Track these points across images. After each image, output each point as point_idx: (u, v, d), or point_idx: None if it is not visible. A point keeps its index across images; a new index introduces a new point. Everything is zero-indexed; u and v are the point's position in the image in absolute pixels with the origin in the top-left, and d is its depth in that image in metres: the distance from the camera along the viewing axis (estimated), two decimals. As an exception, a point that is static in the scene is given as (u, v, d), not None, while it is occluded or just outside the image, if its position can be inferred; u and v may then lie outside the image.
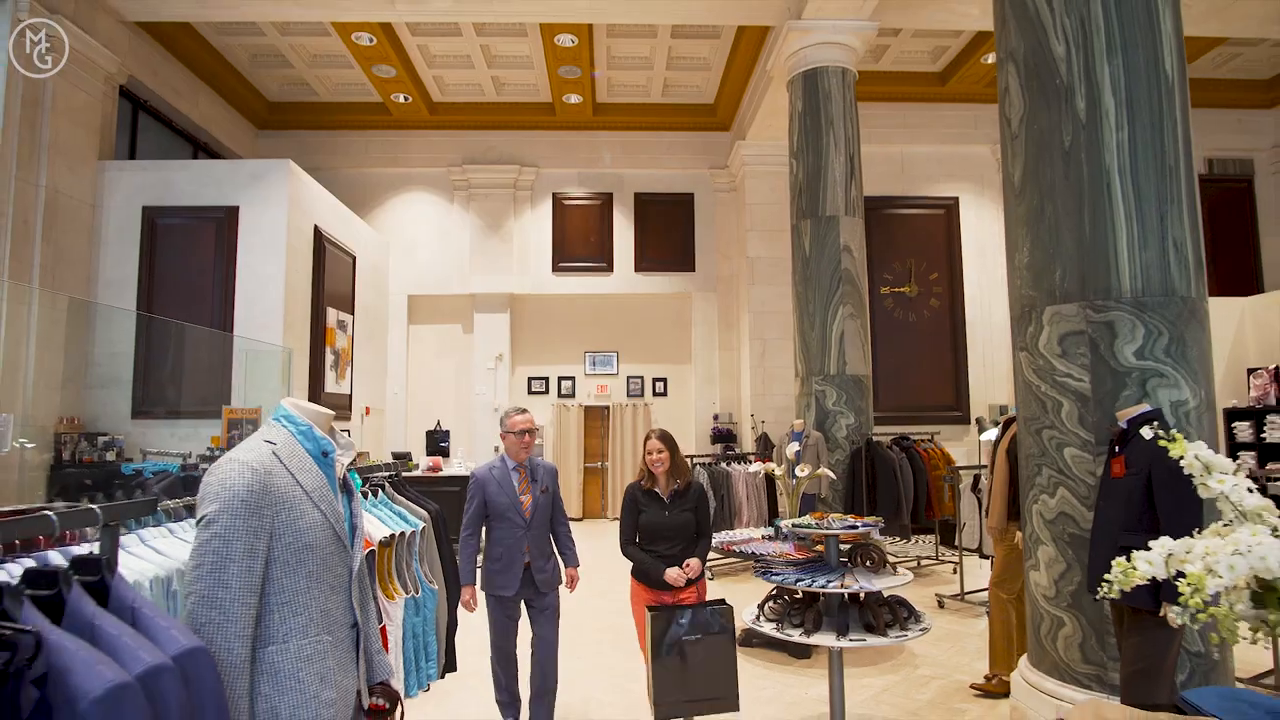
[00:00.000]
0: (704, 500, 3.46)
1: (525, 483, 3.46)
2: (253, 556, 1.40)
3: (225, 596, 1.36)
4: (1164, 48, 3.30)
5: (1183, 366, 3.15)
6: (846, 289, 7.59)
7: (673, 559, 3.25)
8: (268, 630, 1.44)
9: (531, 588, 3.40)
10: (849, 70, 7.94)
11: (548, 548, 3.50)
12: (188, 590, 1.37)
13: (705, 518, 3.43)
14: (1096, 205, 3.27)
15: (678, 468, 3.36)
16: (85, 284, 7.96)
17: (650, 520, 3.31)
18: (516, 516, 3.38)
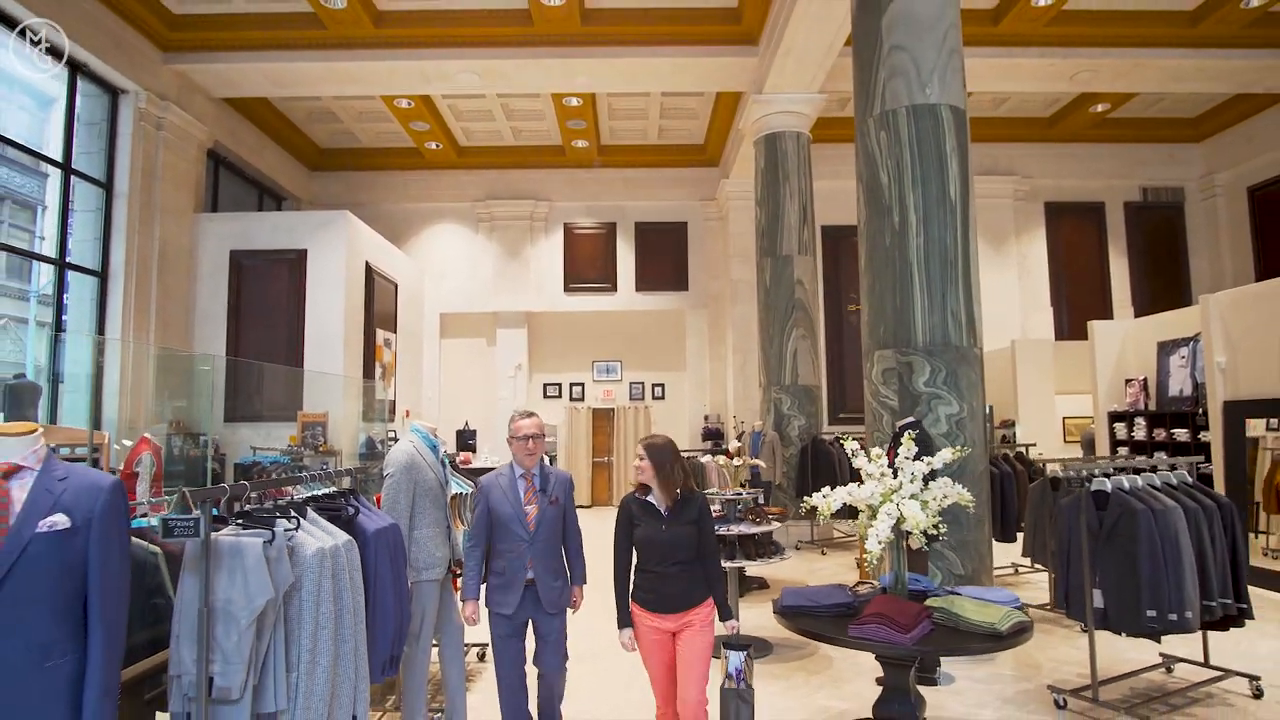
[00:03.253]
0: (708, 513, 3.03)
1: (531, 492, 3.15)
2: (408, 492, 3.20)
3: (398, 509, 3.16)
4: (950, 183, 5.01)
5: (954, 391, 4.86)
6: (799, 314, 9.31)
7: (671, 579, 2.89)
8: (414, 524, 3.24)
9: (535, 607, 3.11)
10: (803, 133, 9.64)
11: (556, 564, 3.16)
12: (385, 506, 3.18)
13: (710, 535, 3.01)
14: (903, 285, 5.00)
15: (669, 477, 2.95)
16: (186, 314, 9.90)
17: (645, 535, 2.94)
18: (520, 528, 3.09)
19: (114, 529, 1.77)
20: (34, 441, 1.75)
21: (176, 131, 9.61)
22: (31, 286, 16.32)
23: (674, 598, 2.92)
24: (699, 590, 2.96)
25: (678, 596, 2.92)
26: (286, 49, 9.44)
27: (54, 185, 15.44)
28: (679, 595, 2.92)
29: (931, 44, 5.07)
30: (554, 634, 3.19)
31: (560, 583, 3.20)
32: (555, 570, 3.18)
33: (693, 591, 2.95)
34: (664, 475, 2.95)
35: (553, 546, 3.19)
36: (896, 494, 3.24)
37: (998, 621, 2.88)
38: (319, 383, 9.88)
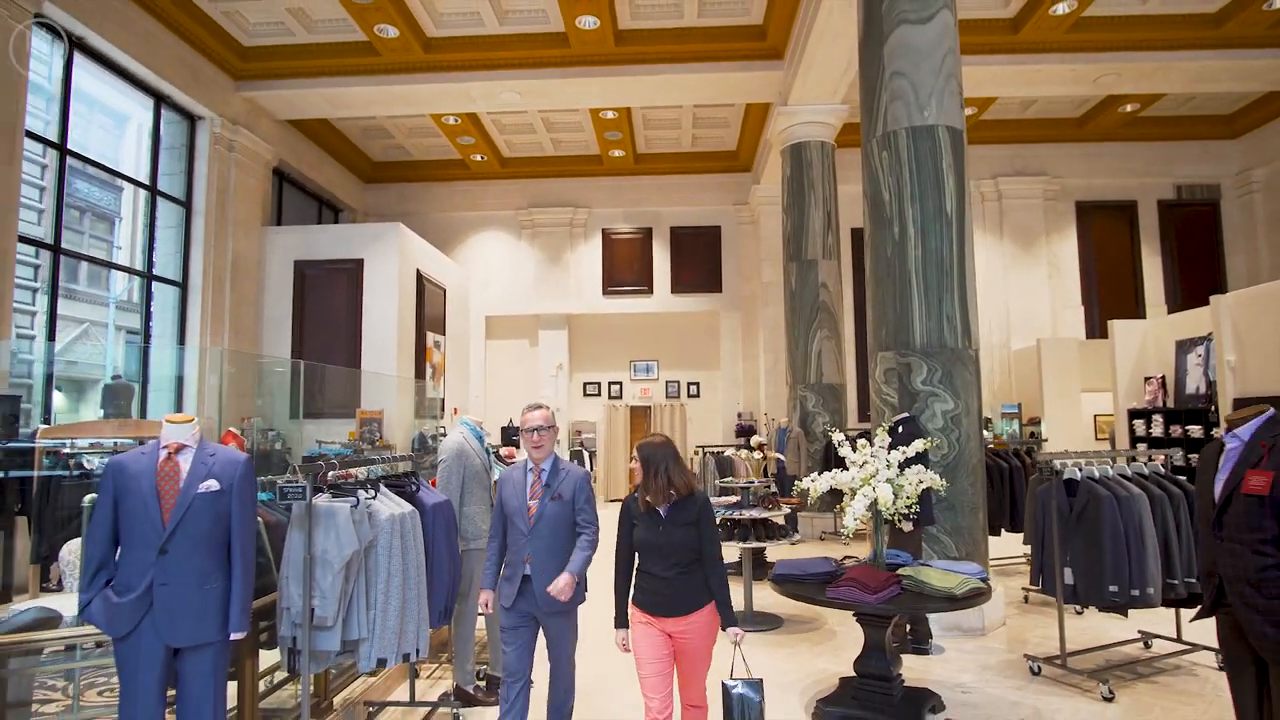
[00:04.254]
0: (709, 514, 2.93)
1: (537, 486, 3.13)
2: (459, 474, 3.82)
3: (450, 488, 3.79)
4: (946, 198, 5.44)
5: (949, 389, 5.30)
6: (823, 316, 9.74)
7: (669, 581, 2.85)
8: (463, 502, 3.86)
9: (533, 602, 3.05)
10: (827, 142, 10.05)
11: (557, 563, 3.05)
12: (439, 487, 3.81)
13: (712, 537, 2.90)
14: (903, 291, 5.45)
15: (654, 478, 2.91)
16: (256, 321, 10.81)
17: (643, 537, 2.92)
18: (521, 522, 3.07)
19: (248, 491, 2.42)
20: (192, 428, 2.41)
21: (246, 152, 10.52)
22: (110, 293, 17.67)
23: (672, 601, 2.85)
24: (699, 594, 2.87)
25: (675, 600, 2.85)
26: (344, 75, 10.25)
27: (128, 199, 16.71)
28: (676, 598, 2.85)
29: (929, 70, 5.51)
30: (559, 630, 3.09)
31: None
32: (557, 568, 3.04)
33: (692, 595, 2.86)
34: (650, 476, 2.90)
35: (553, 544, 3.07)
36: (874, 479, 3.73)
37: (954, 587, 3.36)
38: (375, 383, 10.68)
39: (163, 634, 2.26)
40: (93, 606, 2.25)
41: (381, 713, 3.79)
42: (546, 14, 9.29)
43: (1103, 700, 3.93)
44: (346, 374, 10.58)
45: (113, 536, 2.29)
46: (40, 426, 6.58)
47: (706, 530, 2.92)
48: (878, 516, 3.88)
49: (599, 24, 9.24)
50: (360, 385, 10.64)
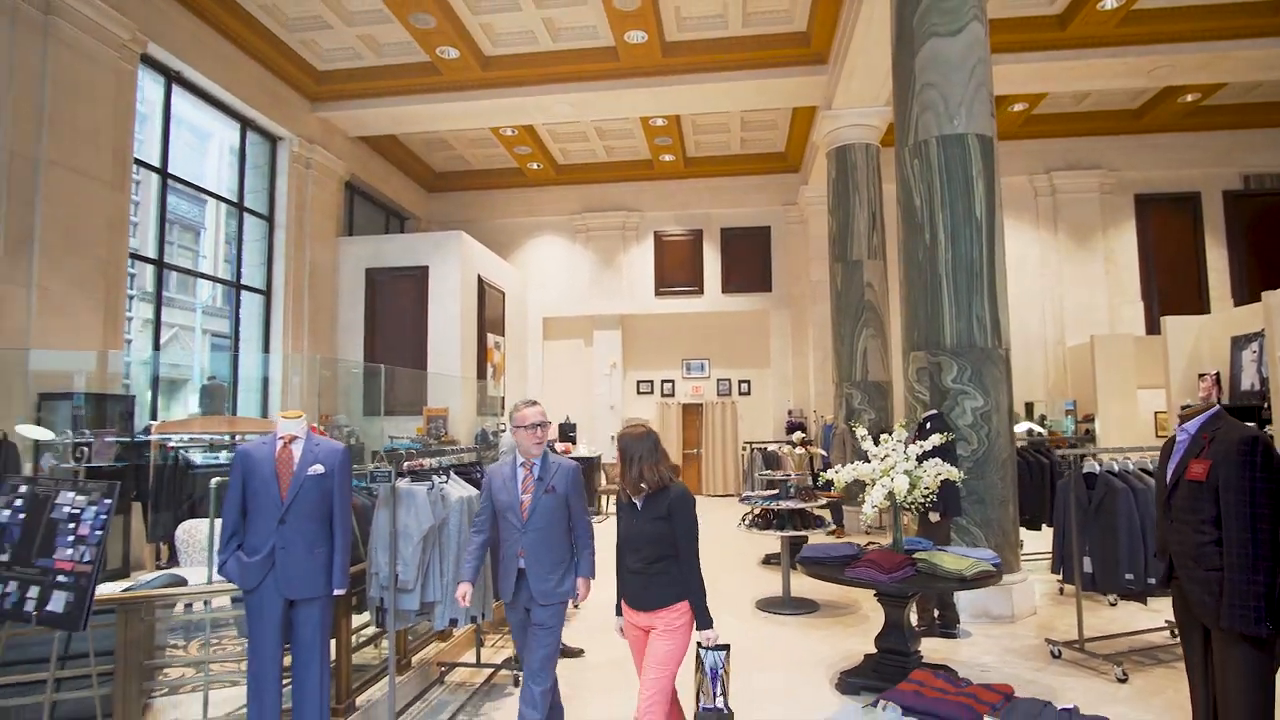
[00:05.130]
0: (682, 508, 2.82)
1: (529, 480, 3.11)
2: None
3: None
4: (976, 203, 5.66)
5: (979, 387, 5.53)
6: (868, 315, 9.94)
7: (638, 575, 2.81)
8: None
9: (528, 596, 3.04)
10: (872, 144, 10.24)
11: (553, 556, 3.05)
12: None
13: (686, 532, 2.81)
14: (934, 294, 5.70)
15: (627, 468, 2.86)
16: (331, 325, 11.63)
17: (622, 528, 2.92)
18: (514, 517, 3.06)
19: (346, 475, 2.95)
20: (302, 422, 2.95)
21: (322, 169, 11.34)
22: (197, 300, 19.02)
23: (641, 595, 2.82)
24: (668, 591, 2.79)
25: (644, 594, 2.81)
26: (409, 93, 10.95)
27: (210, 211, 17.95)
28: (645, 593, 2.80)
29: (959, 81, 5.74)
30: (541, 623, 3.04)
31: (557, 575, 3.05)
32: (552, 562, 3.04)
33: (660, 591, 2.78)
34: (625, 466, 2.86)
35: (548, 537, 3.06)
36: (892, 470, 4.06)
37: (965, 569, 3.67)
38: (440, 382, 11.38)
39: (282, 588, 2.81)
40: (228, 565, 2.81)
41: (452, 672, 4.31)
42: (596, 29, 9.75)
43: (1116, 681, 4.15)
44: (413, 375, 11.29)
45: (241, 509, 2.85)
46: (152, 423, 7.41)
47: (679, 524, 2.80)
48: (896, 505, 4.19)
49: (647, 37, 9.67)
50: (426, 385, 11.35)
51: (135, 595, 3.15)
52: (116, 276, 7.69)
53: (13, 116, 6.51)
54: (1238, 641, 2.32)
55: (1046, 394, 12.71)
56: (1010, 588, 5.39)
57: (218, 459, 7.35)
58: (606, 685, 4.29)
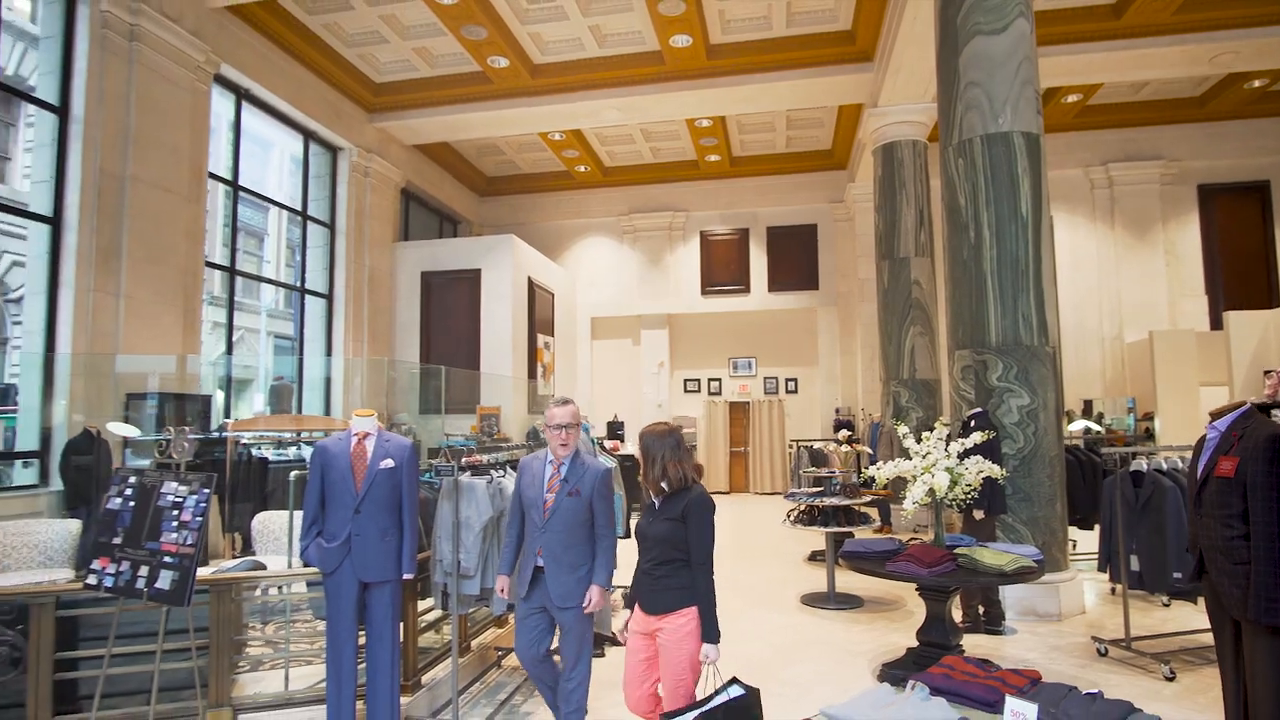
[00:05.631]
0: (699, 512, 2.69)
1: (555, 480, 3.08)
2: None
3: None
4: (1022, 201, 5.66)
5: (1025, 386, 5.53)
6: (916, 313, 9.90)
7: (648, 575, 2.74)
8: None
9: (545, 595, 3.02)
10: (919, 141, 10.18)
11: (572, 558, 3.00)
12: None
13: (700, 536, 2.68)
14: (978, 292, 5.72)
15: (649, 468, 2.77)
16: (389, 327, 12.10)
17: (639, 526, 2.83)
18: (536, 515, 3.05)
19: (414, 468, 3.20)
20: (374, 420, 3.21)
21: (379, 177, 11.80)
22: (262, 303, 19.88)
23: (648, 597, 2.73)
24: (676, 595, 2.68)
25: (651, 596, 2.71)
26: (462, 102, 11.32)
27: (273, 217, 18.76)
28: (652, 595, 2.71)
29: (1004, 79, 5.74)
30: (569, 626, 3.04)
31: (575, 577, 3.01)
32: (570, 563, 3.00)
33: (667, 595, 2.68)
34: (648, 465, 2.77)
35: (568, 539, 3.02)
36: (933, 467, 4.13)
37: (1005, 564, 3.74)
38: (492, 382, 11.73)
39: (357, 571, 3.08)
40: (309, 551, 3.09)
41: (508, 656, 4.56)
42: (642, 35, 9.94)
43: (1164, 679, 4.15)
44: (467, 375, 11.67)
45: (320, 500, 3.12)
46: (226, 421, 7.89)
47: (694, 528, 2.67)
48: (937, 502, 4.26)
49: (692, 41, 9.81)
50: (480, 385, 11.71)
51: (226, 577, 3.47)
52: (193, 284, 8.20)
53: (103, 137, 7.03)
54: (1265, 633, 2.38)
55: (1104, 391, 12.41)
56: (1057, 585, 5.39)
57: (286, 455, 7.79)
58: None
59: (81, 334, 6.86)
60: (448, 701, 3.68)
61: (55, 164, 6.92)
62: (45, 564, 5.09)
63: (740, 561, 7.97)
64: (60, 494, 6.55)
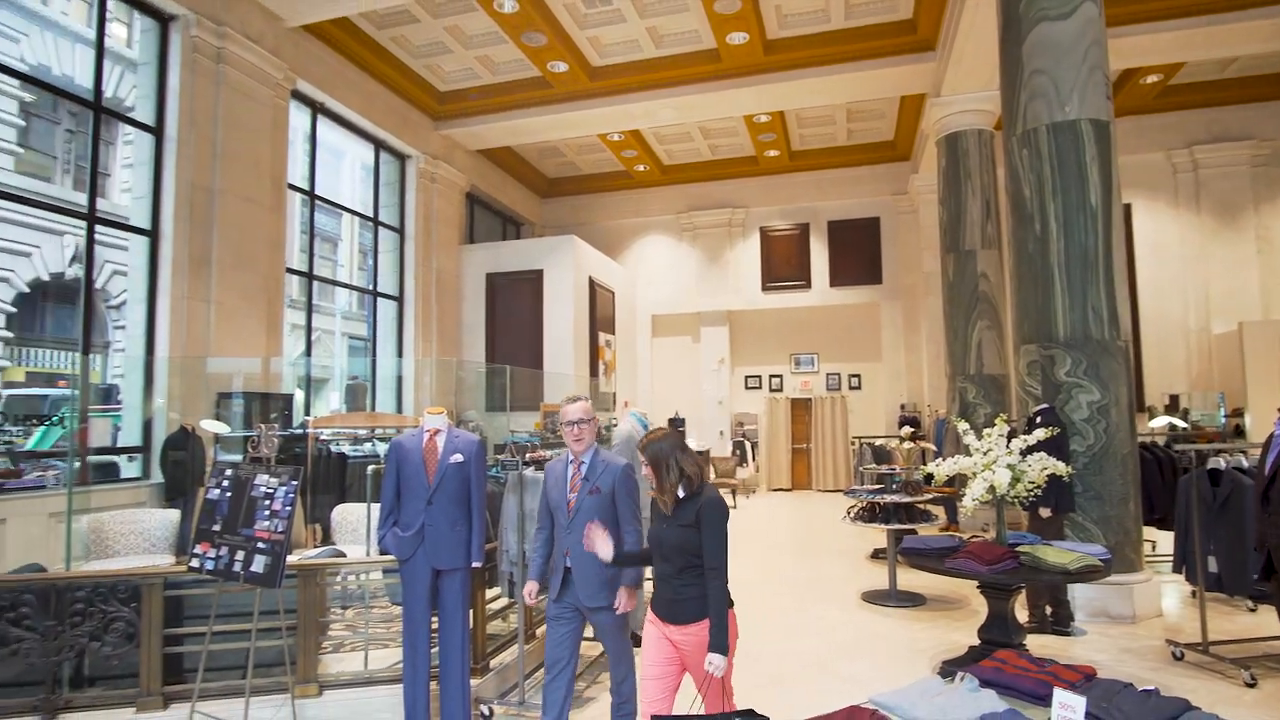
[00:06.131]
0: (712, 516, 2.61)
1: (577, 479, 3.08)
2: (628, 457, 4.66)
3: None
4: (1090, 191, 5.49)
5: (1095, 381, 5.37)
6: (983, 306, 9.65)
7: (664, 583, 2.68)
8: (631, 480, 4.72)
9: (576, 596, 3.02)
10: (985, 130, 9.91)
11: (598, 558, 2.90)
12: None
13: (713, 542, 2.60)
14: (1045, 285, 5.58)
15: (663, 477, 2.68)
16: (455, 327, 12.51)
17: (652, 534, 2.77)
18: (561, 516, 3.06)
19: (482, 462, 3.39)
20: (444, 417, 3.41)
21: (445, 183, 12.21)
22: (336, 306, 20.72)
23: (670, 605, 2.66)
24: (693, 606, 2.61)
25: (673, 605, 2.65)
26: (522, 107, 11.60)
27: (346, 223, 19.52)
28: (674, 604, 2.65)
29: (1070, 65, 5.58)
30: (604, 625, 3.06)
31: (603, 576, 2.99)
32: (598, 565, 2.94)
33: (690, 604, 2.61)
34: (658, 475, 2.68)
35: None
36: (994, 464, 4.09)
37: (1069, 563, 3.68)
38: (555, 380, 12.00)
39: (430, 559, 3.28)
40: (386, 539, 3.31)
41: (572, 646, 4.72)
42: (699, 34, 9.99)
43: (1244, 685, 4.00)
44: (531, 374, 11.97)
45: (396, 492, 3.34)
46: (307, 418, 8.34)
47: (708, 533, 2.59)
48: (998, 499, 4.21)
49: (748, 38, 9.81)
50: (543, 383, 11.99)
51: (313, 563, 3.73)
52: (275, 289, 8.69)
53: (194, 154, 7.54)
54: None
55: (1190, 386, 11.83)
56: (1131, 587, 5.23)
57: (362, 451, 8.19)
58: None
59: (177, 338, 7.38)
60: (514, 685, 3.86)
61: (153, 180, 7.45)
62: (149, 550, 5.54)
63: (801, 558, 7.98)
64: (160, 486, 7.07)
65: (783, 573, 7.27)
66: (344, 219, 18.39)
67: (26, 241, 12.61)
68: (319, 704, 3.63)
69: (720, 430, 14.68)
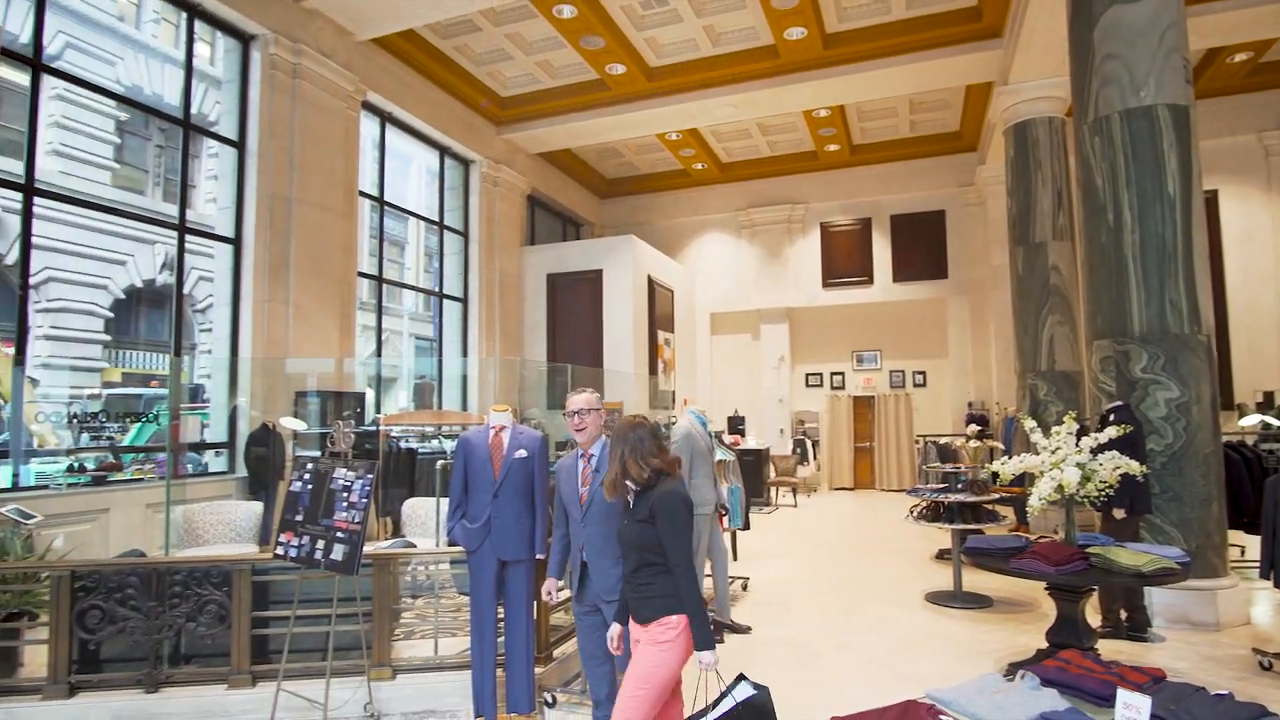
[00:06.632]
0: (667, 510, 2.49)
1: (587, 471, 3.05)
2: (687, 452, 4.72)
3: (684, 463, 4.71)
4: (1167, 179, 5.26)
5: (1174, 377, 5.15)
6: (1055, 300, 9.32)
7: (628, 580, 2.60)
8: (691, 475, 4.75)
9: (594, 593, 2.98)
10: (1055, 117, 9.56)
11: (613, 550, 2.87)
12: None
13: (674, 538, 2.47)
14: (1119, 278, 5.37)
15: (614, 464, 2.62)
16: (517, 327, 12.78)
17: (618, 529, 2.71)
18: (574, 510, 3.02)
19: (544, 458, 3.51)
20: (509, 414, 3.55)
21: (507, 186, 12.49)
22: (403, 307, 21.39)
23: (634, 606, 2.55)
24: (658, 603, 2.49)
25: (635, 605, 2.54)
26: (581, 110, 11.76)
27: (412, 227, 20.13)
28: (636, 604, 2.54)
29: (1145, 49, 5.36)
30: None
31: (618, 571, 2.86)
32: (614, 556, 2.87)
33: (653, 604, 2.49)
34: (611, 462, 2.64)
35: (605, 530, 2.93)
36: (1063, 463, 3.98)
37: (1143, 565, 3.56)
38: (615, 378, 12.14)
39: (496, 550, 3.43)
40: (455, 531, 3.46)
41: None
42: (756, 30, 9.95)
43: (1339, 696, 3.80)
44: (591, 372, 12.14)
45: (464, 485, 3.49)
46: (378, 416, 8.69)
47: (664, 529, 2.46)
48: (1068, 499, 4.10)
49: (806, 32, 9.72)
50: (603, 381, 12.15)
51: (387, 553, 3.93)
52: (348, 292, 9.07)
53: (273, 165, 7.94)
54: None
55: (1284, 382, 11.15)
56: (1214, 592, 5.00)
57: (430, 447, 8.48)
58: (771, 660, 4.58)
59: (259, 339, 7.80)
60: (577, 674, 3.97)
61: (235, 191, 7.89)
62: (235, 539, 5.88)
63: (862, 558, 7.87)
64: (244, 480, 7.49)
65: (843, 571, 7.20)
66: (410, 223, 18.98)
67: (122, 251, 13.48)
68: (392, 686, 3.82)
69: (780, 428, 14.58)
